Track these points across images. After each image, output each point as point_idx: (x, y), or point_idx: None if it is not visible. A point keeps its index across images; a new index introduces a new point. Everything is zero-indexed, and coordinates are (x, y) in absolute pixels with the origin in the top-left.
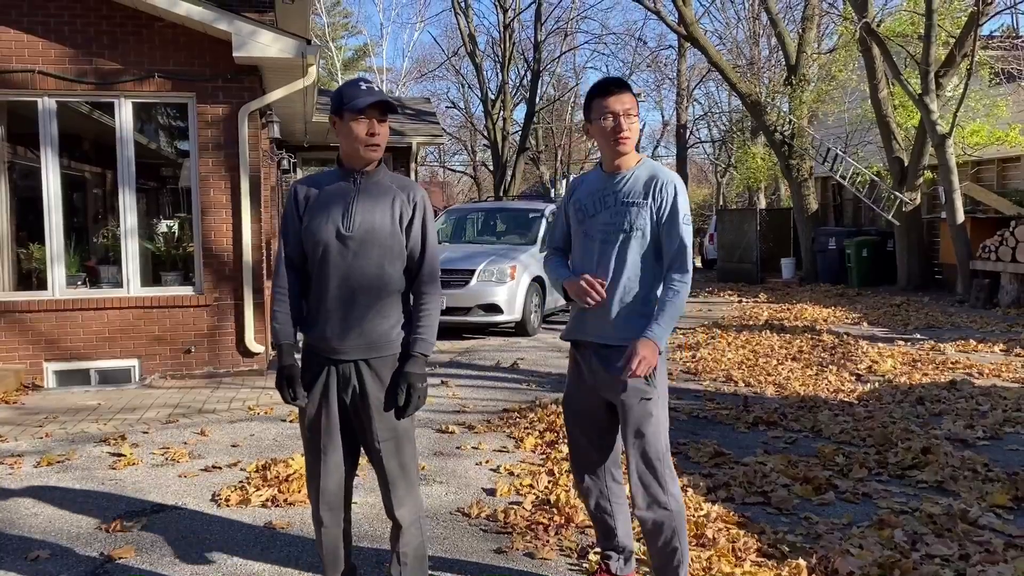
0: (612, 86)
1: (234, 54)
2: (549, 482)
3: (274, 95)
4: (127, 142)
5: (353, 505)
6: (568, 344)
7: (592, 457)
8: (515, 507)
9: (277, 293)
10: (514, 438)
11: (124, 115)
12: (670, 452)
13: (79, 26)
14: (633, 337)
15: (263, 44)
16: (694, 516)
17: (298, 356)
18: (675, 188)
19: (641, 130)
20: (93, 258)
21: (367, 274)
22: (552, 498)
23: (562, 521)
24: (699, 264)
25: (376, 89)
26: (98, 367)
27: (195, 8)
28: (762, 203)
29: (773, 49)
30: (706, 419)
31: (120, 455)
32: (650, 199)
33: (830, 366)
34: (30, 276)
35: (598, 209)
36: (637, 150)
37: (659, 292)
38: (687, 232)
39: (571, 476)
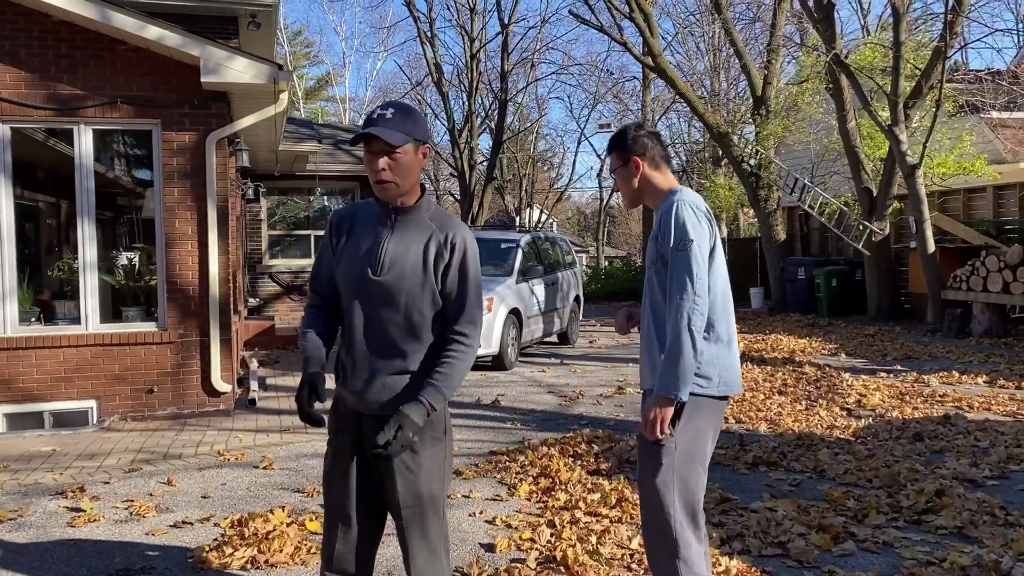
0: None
1: (202, 79)
2: (552, 535)
3: (244, 122)
4: (87, 171)
5: None
6: (548, 379)
7: None
8: (518, 565)
9: (304, 320)
10: (506, 484)
11: (84, 142)
12: (695, 515)
13: (36, 49)
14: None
15: (233, 69)
16: (712, 573)
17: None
18: (671, 213)
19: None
20: (47, 292)
21: (395, 322)
22: (558, 555)
23: None
24: None
25: (387, 117)
26: (53, 409)
27: (169, 34)
28: (723, 232)
29: (732, 81)
30: None
31: (79, 510)
32: (659, 227)
33: (819, 400)
34: None
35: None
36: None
37: None
38: (679, 259)
39: (574, 527)
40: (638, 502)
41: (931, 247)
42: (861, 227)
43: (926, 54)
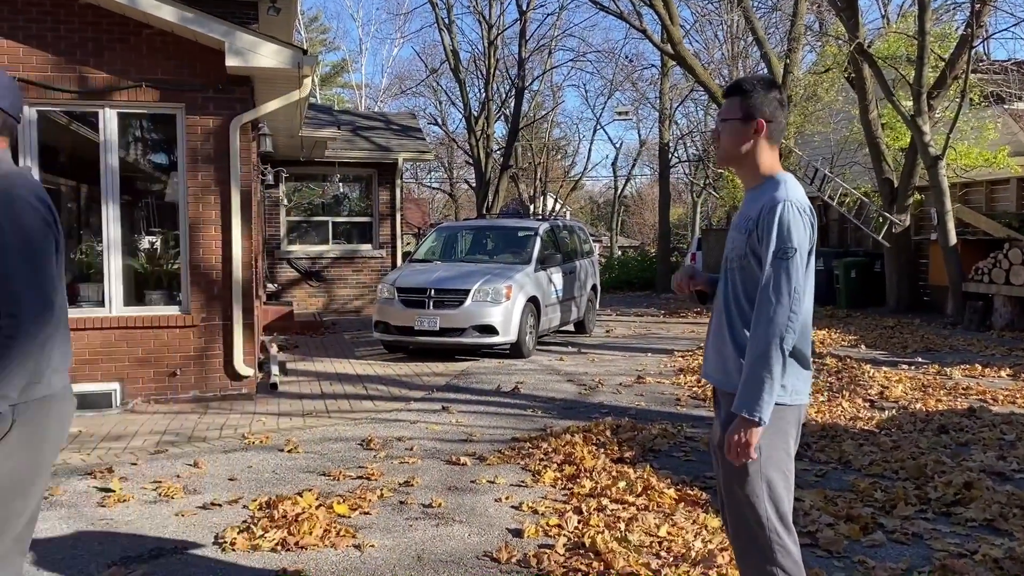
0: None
1: (227, 64)
2: (579, 522)
3: (268, 107)
4: (112, 154)
5: (371, 548)
6: (566, 368)
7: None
8: (547, 551)
9: None
10: (530, 471)
11: (109, 125)
12: (786, 519)
13: (63, 32)
14: (722, 382)
15: (258, 54)
16: None
17: None
18: (775, 213)
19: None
20: (70, 275)
21: None
22: (586, 541)
23: (601, 568)
24: None
25: None
26: (77, 391)
27: (195, 17)
28: None
29: (751, 70)
30: None
31: (109, 490)
32: (754, 222)
33: (841, 391)
34: None
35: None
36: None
37: None
38: (780, 268)
39: (602, 514)
40: (663, 490)
41: (953, 239)
42: (881, 218)
43: (950, 44)
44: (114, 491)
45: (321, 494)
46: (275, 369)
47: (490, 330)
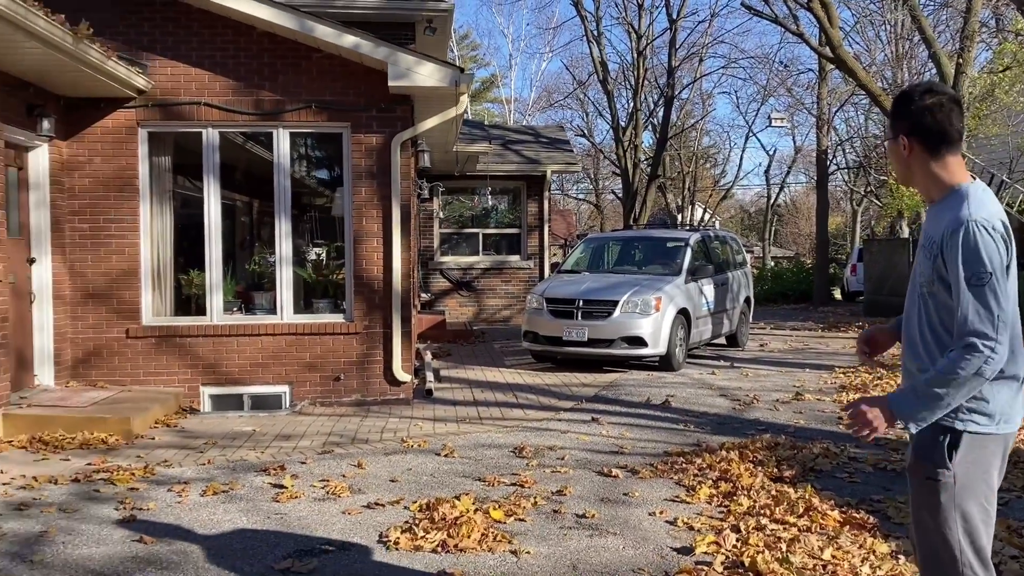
0: None
1: (389, 83)
2: (737, 540)
3: (427, 124)
4: (284, 171)
5: (526, 555)
6: (718, 382)
7: None
8: (704, 568)
9: None
10: (684, 486)
11: (282, 145)
12: (983, 555)
13: (243, 59)
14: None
15: (418, 73)
16: None
17: None
18: (958, 236)
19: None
20: (244, 285)
21: None
22: (745, 560)
23: None
24: (839, 296)
25: None
26: (251, 392)
27: (363, 41)
28: (905, 232)
29: (917, 72)
30: (895, 472)
31: (281, 487)
32: (938, 246)
33: None
34: (189, 301)
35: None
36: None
37: None
38: (975, 295)
39: (760, 534)
40: (827, 512)
41: None
42: None
43: None
44: (286, 487)
45: (477, 499)
46: (430, 376)
47: (639, 342)
